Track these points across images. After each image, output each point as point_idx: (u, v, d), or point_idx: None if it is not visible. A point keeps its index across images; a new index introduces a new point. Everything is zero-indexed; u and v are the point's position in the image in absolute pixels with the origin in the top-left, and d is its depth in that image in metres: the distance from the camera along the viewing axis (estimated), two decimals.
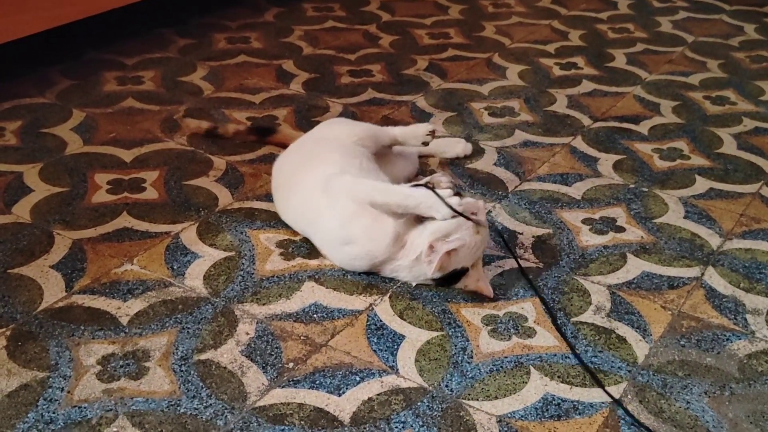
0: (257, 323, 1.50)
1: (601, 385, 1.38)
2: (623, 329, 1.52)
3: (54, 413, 1.29)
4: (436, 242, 1.53)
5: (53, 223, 1.74)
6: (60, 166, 1.96)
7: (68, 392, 1.33)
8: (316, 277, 1.62)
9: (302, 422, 1.29)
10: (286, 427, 1.28)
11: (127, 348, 1.42)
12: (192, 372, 1.38)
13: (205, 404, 1.32)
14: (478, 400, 1.35)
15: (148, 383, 1.35)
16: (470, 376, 1.40)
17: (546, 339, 1.49)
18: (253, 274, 1.62)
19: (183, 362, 1.40)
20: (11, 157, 1.98)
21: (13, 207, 1.79)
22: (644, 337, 1.51)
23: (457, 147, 2.06)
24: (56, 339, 1.44)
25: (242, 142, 2.08)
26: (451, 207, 1.53)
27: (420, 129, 1.86)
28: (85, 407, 1.30)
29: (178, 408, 1.31)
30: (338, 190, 1.60)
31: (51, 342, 1.43)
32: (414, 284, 1.61)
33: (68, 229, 1.72)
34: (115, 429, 1.26)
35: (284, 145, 1.92)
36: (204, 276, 1.61)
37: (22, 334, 1.45)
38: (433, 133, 1.86)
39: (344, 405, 1.33)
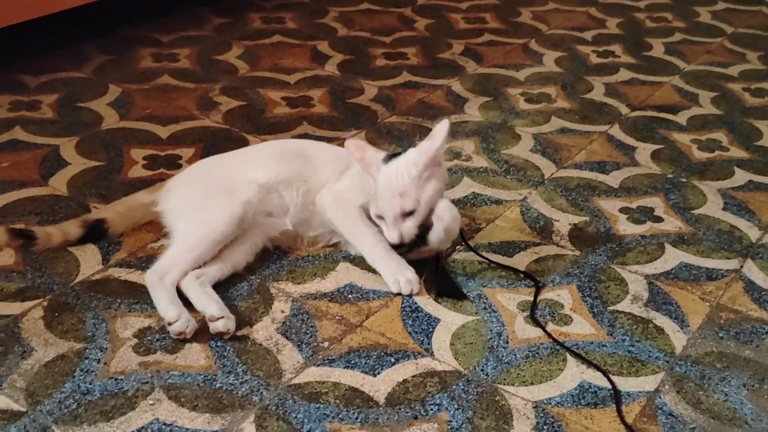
0: (292, 302, 1.49)
1: None
2: (661, 319, 1.51)
3: (90, 384, 1.29)
4: None
5: (89, 197, 1.75)
6: (96, 140, 1.96)
7: (105, 364, 1.33)
8: (351, 258, 1.62)
9: (337, 401, 1.29)
10: (322, 405, 1.28)
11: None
12: (228, 348, 1.38)
13: (240, 380, 1.32)
14: (513, 385, 1.34)
15: (185, 358, 1.35)
16: (506, 361, 1.39)
17: (583, 326, 1.48)
18: (288, 253, 1.62)
19: (219, 338, 1.40)
20: (48, 130, 1.99)
21: (49, 179, 1.80)
22: (682, 328, 1.49)
23: None
24: (93, 311, 1.44)
25: (277, 122, 2.09)
26: None
27: None
28: (121, 379, 1.30)
29: (214, 383, 1.31)
30: None
31: (87, 314, 1.43)
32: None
33: (104, 203, 1.72)
34: (151, 401, 1.27)
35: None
36: None
37: (58, 305, 1.45)
38: None
39: (379, 385, 1.33)
